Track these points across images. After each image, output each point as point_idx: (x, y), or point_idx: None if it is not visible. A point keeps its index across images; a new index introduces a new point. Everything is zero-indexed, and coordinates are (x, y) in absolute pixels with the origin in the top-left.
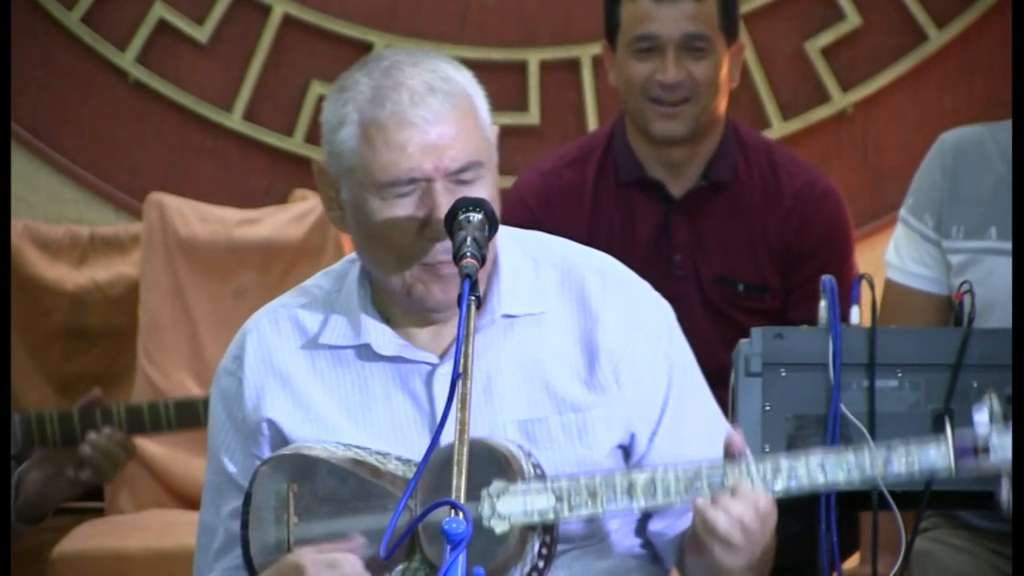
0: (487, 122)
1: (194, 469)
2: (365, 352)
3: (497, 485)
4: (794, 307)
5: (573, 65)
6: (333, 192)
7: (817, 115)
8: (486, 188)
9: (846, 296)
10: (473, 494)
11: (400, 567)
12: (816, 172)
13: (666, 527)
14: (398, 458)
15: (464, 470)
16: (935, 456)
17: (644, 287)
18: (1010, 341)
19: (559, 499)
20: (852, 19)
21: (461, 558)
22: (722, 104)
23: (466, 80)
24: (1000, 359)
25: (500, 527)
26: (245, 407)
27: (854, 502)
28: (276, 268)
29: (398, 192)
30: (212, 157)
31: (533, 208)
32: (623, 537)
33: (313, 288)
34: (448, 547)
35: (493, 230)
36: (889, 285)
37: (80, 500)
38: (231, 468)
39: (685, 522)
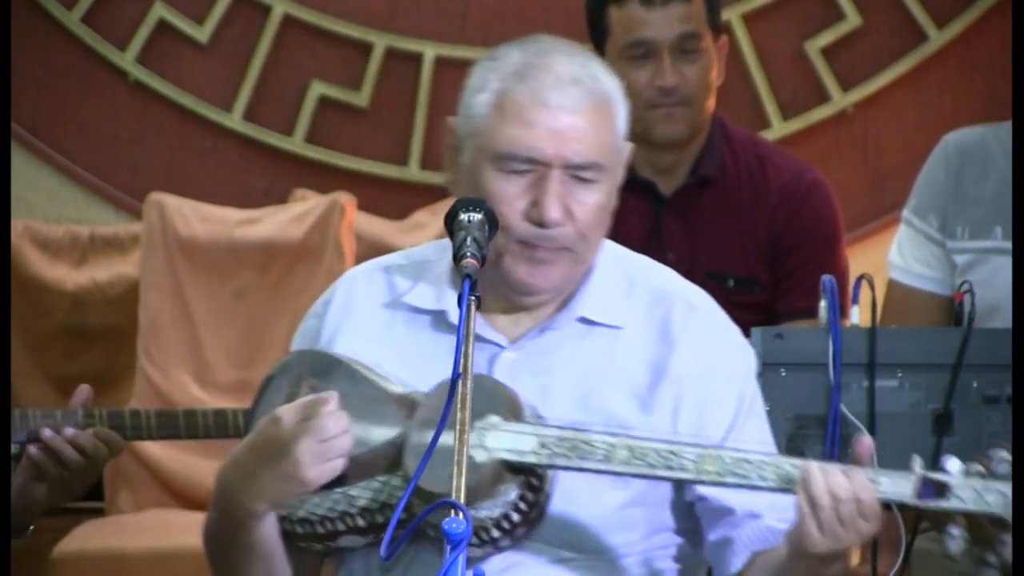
0: (621, 133)
1: (194, 469)
2: (440, 320)
3: (492, 419)
4: (781, 299)
5: None
6: (455, 153)
7: (817, 115)
8: (601, 194)
9: (841, 289)
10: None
11: (383, 478)
12: (803, 166)
13: (723, 535)
14: (419, 390)
15: (464, 470)
16: (900, 485)
17: (732, 329)
18: (1010, 341)
19: (543, 445)
20: (852, 19)
21: (461, 558)
22: (713, 103)
23: (612, 85)
24: (1000, 359)
25: (480, 457)
26: (319, 343)
27: None
28: (276, 268)
29: (514, 168)
30: (212, 157)
31: None
32: (650, 560)
33: (416, 253)
34: (448, 547)
35: (493, 230)
36: (892, 285)
37: (80, 500)
38: None
39: (747, 536)
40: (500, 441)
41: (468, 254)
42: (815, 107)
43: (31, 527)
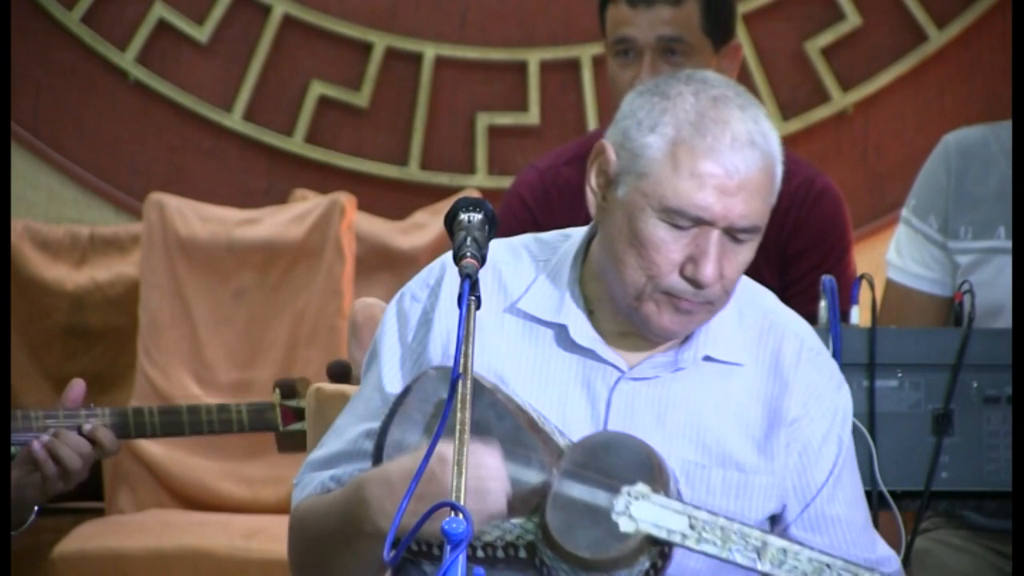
0: (776, 191)
1: (194, 469)
2: (559, 333)
3: (641, 488)
4: (788, 303)
5: (573, 65)
6: (606, 181)
7: (817, 115)
8: (751, 252)
9: (845, 295)
10: (613, 486)
11: (518, 520)
12: (814, 171)
13: None
14: (558, 429)
15: (464, 470)
16: None
17: (834, 365)
18: (1010, 341)
19: (692, 527)
20: (852, 19)
21: (461, 558)
22: None
23: (776, 143)
24: (1000, 359)
25: (626, 527)
26: (429, 342)
27: None
28: (276, 268)
29: (678, 222)
30: (212, 157)
31: (531, 206)
32: None
33: (522, 248)
34: (448, 547)
35: (492, 230)
36: (890, 285)
37: (80, 500)
38: (389, 389)
39: None
40: (648, 513)
41: (468, 254)
42: (815, 107)
43: (29, 521)
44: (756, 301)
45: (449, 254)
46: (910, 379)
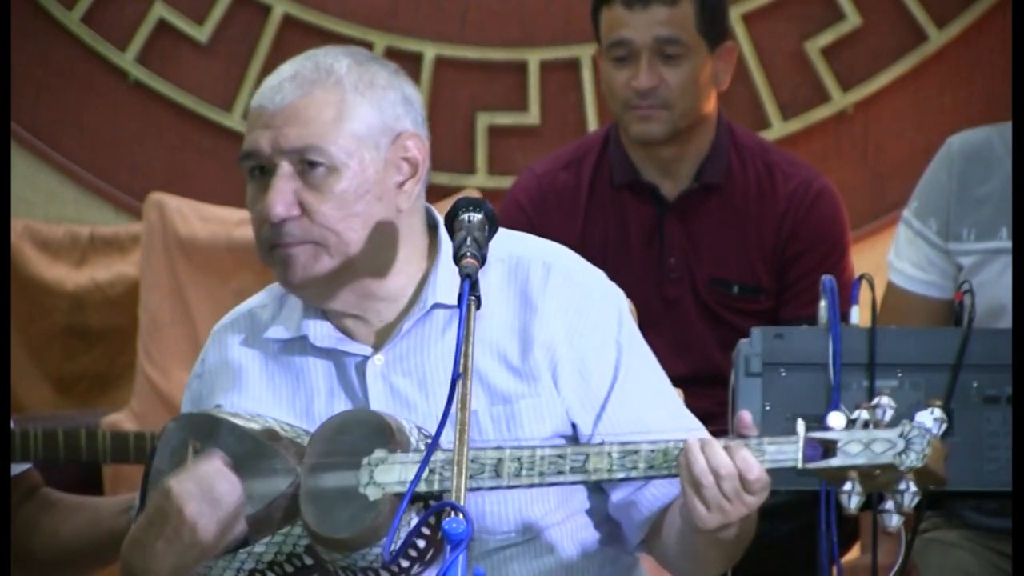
0: (347, 115)
1: None
2: (304, 345)
3: (379, 454)
4: (786, 306)
5: (573, 65)
6: None
7: (817, 115)
8: (337, 182)
9: (844, 296)
10: (355, 462)
11: (283, 530)
12: (812, 173)
13: (628, 496)
14: (307, 431)
15: (464, 470)
16: (787, 451)
17: (594, 276)
18: (1010, 341)
19: (431, 471)
20: (852, 19)
21: (461, 558)
22: (706, 106)
23: (339, 77)
24: (1000, 359)
25: (374, 494)
26: (203, 402)
27: None
28: None
29: (248, 167)
30: (212, 157)
31: (528, 210)
32: (575, 530)
33: (275, 287)
34: (448, 547)
35: (493, 230)
36: (889, 286)
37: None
38: None
39: (651, 495)
40: (389, 475)
41: (468, 254)
42: (815, 107)
43: None
44: (502, 246)
45: (215, 327)
46: (910, 379)
